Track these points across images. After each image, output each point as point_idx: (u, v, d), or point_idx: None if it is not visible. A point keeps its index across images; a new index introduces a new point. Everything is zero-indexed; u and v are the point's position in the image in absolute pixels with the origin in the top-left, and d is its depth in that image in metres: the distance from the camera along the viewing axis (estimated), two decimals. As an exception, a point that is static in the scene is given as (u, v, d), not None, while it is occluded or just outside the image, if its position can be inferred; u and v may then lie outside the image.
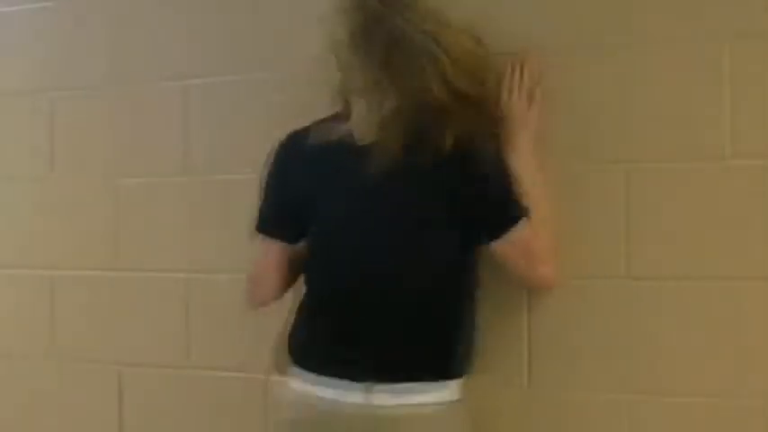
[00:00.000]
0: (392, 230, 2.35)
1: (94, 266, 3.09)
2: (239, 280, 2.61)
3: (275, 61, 2.80)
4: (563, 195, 2.50)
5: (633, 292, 2.44)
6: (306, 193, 2.43)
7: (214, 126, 2.85)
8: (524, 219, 2.34)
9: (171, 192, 2.82)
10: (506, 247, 2.35)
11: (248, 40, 2.79)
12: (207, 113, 2.91)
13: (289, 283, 2.55)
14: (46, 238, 3.17)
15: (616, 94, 2.46)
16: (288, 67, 2.78)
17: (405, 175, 2.31)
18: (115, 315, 3.04)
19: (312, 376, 2.37)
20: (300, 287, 2.50)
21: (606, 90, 2.47)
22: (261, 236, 2.51)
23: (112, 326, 3.05)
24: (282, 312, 2.56)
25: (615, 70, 2.47)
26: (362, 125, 2.35)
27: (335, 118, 2.42)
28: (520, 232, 2.34)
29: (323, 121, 2.44)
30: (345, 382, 2.33)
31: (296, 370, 2.42)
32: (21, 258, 3.21)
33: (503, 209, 2.35)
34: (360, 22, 2.37)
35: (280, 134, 2.51)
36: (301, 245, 2.49)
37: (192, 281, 2.94)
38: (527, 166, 2.42)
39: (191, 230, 2.94)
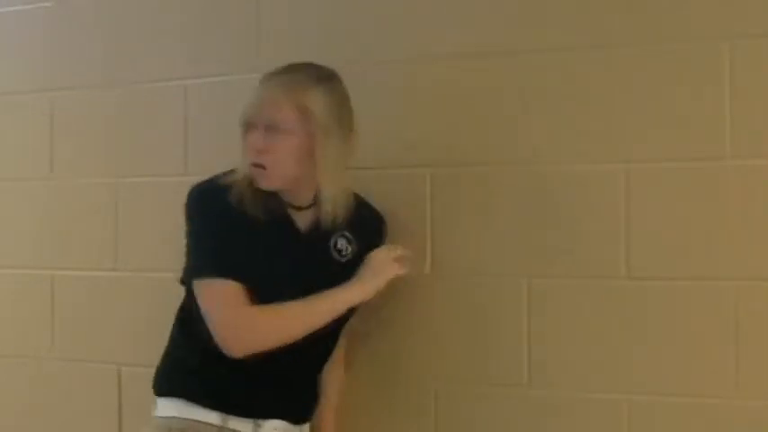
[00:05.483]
0: None
1: (94, 266, 3.09)
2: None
3: (275, 61, 2.80)
4: (563, 195, 2.50)
5: (633, 292, 2.44)
6: None
7: (214, 126, 2.85)
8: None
9: (171, 192, 2.81)
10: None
11: (248, 40, 2.78)
12: (207, 113, 2.91)
13: None
14: (46, 238, 3.17)
15: (616, 94, 2.46)
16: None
17: None
18: (115, 315, 3.04)
19: None
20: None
21: (606, 90, 2.48)
22: None
23: (112, 326, 3.05)
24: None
25: (614, 69, 2.47)
26: None
27: None
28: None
29: None
30: None
31: None
32: (21, 258, 3.21)
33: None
34: None
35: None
36: None
37: (191, 281, 2.93)
38: (345, 301, 2.46)
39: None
